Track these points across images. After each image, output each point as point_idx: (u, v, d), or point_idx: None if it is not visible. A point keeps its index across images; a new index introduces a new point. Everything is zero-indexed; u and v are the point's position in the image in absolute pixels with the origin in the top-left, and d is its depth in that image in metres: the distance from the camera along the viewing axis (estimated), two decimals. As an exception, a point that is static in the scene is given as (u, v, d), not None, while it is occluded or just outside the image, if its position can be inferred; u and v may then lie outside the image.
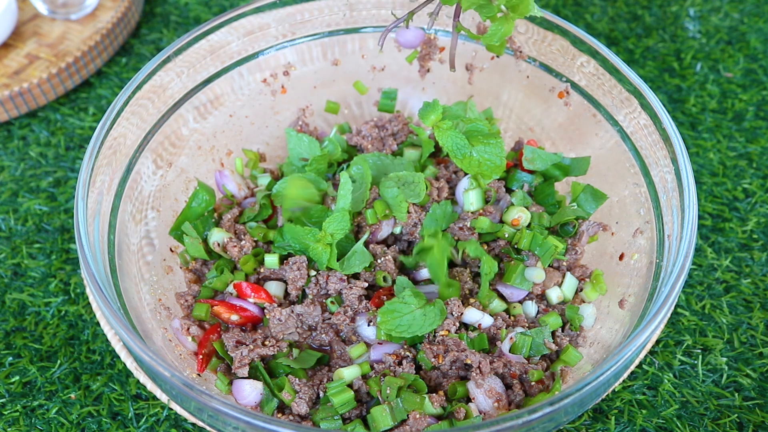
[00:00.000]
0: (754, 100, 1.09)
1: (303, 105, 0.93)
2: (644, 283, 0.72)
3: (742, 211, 0.96)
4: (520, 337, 0.71)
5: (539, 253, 0.76)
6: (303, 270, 0.75)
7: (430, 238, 0.73)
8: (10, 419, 0.78)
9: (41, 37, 1.12)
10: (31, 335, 0.85)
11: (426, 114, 0.74)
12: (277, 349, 0.73)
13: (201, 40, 0.82)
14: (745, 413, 0.79)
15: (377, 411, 0.67)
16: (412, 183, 0.78)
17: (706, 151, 1.03)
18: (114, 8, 1.15)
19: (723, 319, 0.86)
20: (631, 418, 0.78)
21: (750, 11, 1.23)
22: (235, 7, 0.86)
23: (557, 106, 0.86)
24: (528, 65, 0.86)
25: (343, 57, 0.91)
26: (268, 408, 0.70)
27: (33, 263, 0.91)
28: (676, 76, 1.13)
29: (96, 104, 1.09)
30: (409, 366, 0.71)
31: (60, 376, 0.81)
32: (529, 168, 0.82)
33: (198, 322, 0.76)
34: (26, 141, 1.05)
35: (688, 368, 0.82)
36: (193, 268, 0.82)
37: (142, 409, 0.79)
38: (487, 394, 0.69)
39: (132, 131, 0.77)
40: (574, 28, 0.80)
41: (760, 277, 0.89)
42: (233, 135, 0.90)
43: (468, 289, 0.77)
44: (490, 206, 0.80)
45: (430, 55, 0.87)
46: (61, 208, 0.97)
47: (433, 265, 0.73)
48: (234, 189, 0.88)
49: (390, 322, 0.70)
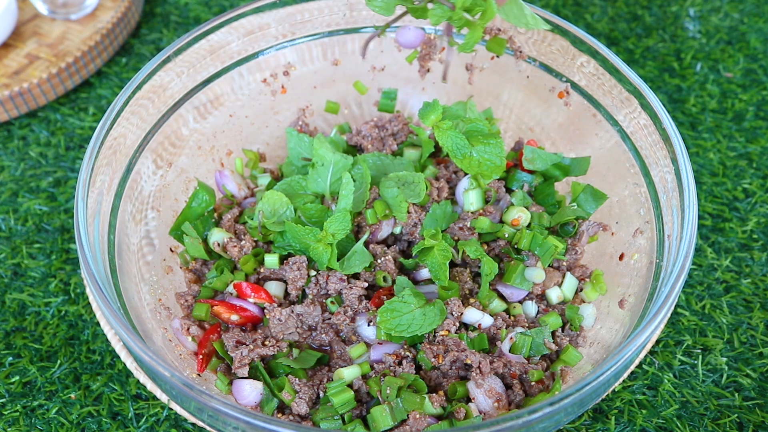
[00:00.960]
0: (754, 100, 1.09)
1: (303, 105, 0.93)
2: (644, 283, 0.72)
3: (742, 211, 0.96)
4: (520, 337, 0.71)
5: (539, 253, 0.76)
6: (303, 270, 0.75)
7: (431, 239, 0.73)
8: (10, 419, 0.78)
9: (41, 37, 1.12)
10: (31, 335, 0.85)
11: (426, 114, 0.74)
12: (277, 349, 0.73)
13: (201, 40, 0.82)
14: (745, 413, 0.79)
15: (377, 411, 0.67)
16: (412, 183, 0.78)
17: (706, 151, 1.03)
18: (114, 8, 1.15)
19: (723, 319, 0.86)
20: (631, 418, 0.78)
21: (750, 11, 1.23)
22: (235, 7, 0.86)
23: (557, 106, 0.86)
24: (528, 65, 0.86)
25: (343, 57, 0.91)
26: (268, 408, 0.70)
27: (33, 263, 0.91)
28: (676, 76, 1.13)
29: (96, 104, 1.09)
30: (409, 366, 0.71)
31: (60, 376, 0.81)
32: (529, 168, 0.82)
33: (198, 322, 0.76)
34: (26, 141, 1.05)
35: (688, 368, 0.82)
36: (193, 268, 0.82)
37: (142, 409, 0.79)
38: (487, 394, 0.69)
39: (132, 131, 0.77)
40: (574, 28, 0.80)
41: (760, 277, 0.89)
42: (233, 135, 0.90)
43: (468, 289, 0.77)
44: (490, 206, 0.80)
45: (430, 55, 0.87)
46: (61, 208, 0.97)
47: (435, 266, 0.73)
48: (234, 189, 0.88)
49: (389, 321, 0.70)
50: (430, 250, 0.74)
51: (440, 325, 0.72)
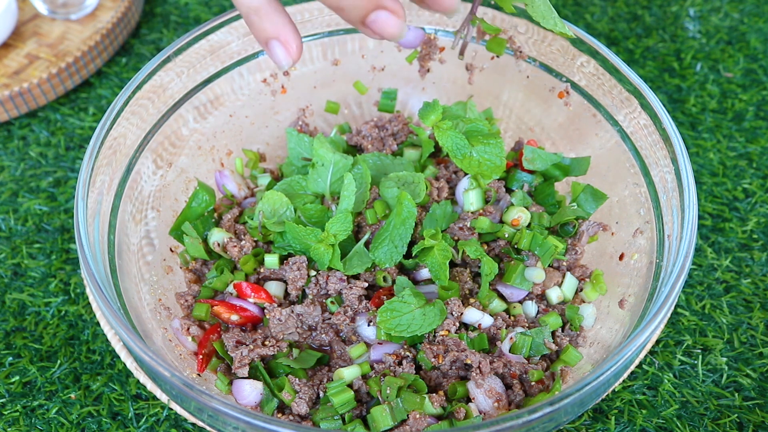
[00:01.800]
0: (754, 100, 1.09)
1: (303, 105, 0.93)
2: (644, 283, 0.72)
3: (742, 211, 0.96)
4: (520, 337, 0.71)
5: (539, 253, 0.76)
6: (303, 270, 0.75)
7: (431, 239, 0.73)
8: (10, 419, 0.78)
9: (41, 37, 1.12)
10: (31, 335, 0.85)
11: (426, 114, 0.74)
12: (277, 349, 0.73)
13: (201, 40, 0.82)
14: (745, 413, 0.79)
15: (377, 411, 0.67)
16: (412, 183, 0.78)
17: (706, 151, 1.03)
18: (114, 8, 1.15)
19: (723, 319, 0.86)
20: (631, 418, 0.78)
21: (750, 11, 1.23)
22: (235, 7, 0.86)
23: (557, 106, 0.86)
24: (528, 65, 0.86)
25: (343, 57, 0.91)
26: (268, 408, 0.70)
27: (33, 263, 0.91)
28: (676, 76, 1.13)
29: (96, 104, 1.09)
30: (409, 366, 0.71)
31: (60, 376, 0.81)
32: (529, 168, 0.82)
33: (198, 322, 0.76)
34: (26, 141, 1.05)
35: (688, 368, 0.82)
36: (193, 268, 0.82)
37: (142, 409, 0.79)
38: (487, 394, 0.69)
39: (132, 131, 0.77)
40: (574, 28, 0.80)
41: (760, 277, 0.89)
42: (233, 135, 0.90)
43: (468, 289, 0.77)
44: (490, 206, 0.80)
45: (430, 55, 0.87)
46: (61, 208, 0.97)
47: (435, 266, 0.73)
48: (234, 189, 0.88)
49: (389, 321, 0.70)
50: (430, 250, 0.74)
51: (440, 325, 0.72)
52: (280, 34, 0.55)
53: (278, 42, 0.56)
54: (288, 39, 0.55)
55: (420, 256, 0.75)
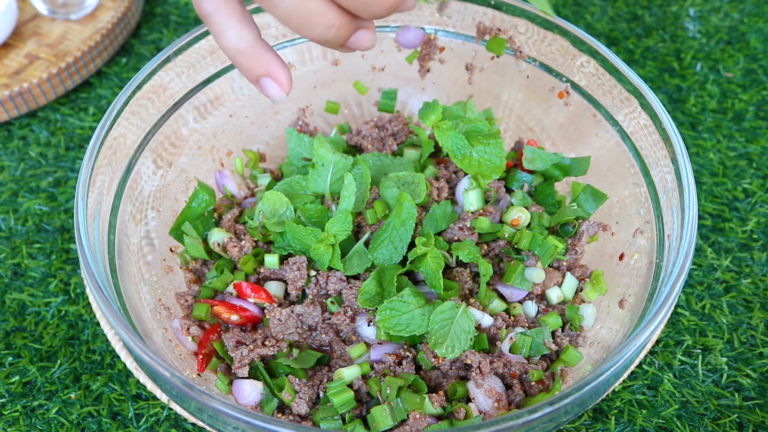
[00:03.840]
0: (754, 100, 1.09)
1: (303, 105, 0.93)
2: (644, 283, 0.72)
3: (742, 211, 0.96)
4: (520, 337, 0.71)
5: (539, 253, 0.76)
6: (303, 270, 0.75)
7: (423, 246, 0.73)
8: (10, 419, 0.78)
9: (41, 37, 1.12)
10: (31, 335, 0.85)
11: (426, 114, 0.74)
12: (277, 349, 0.73)
13: (201, 40, 0.82)
14: (745, 413, 0.79)
15: (377, 411, 0.67)
16: (412, 183, 0.78)
17: (706, 151, 1.03)
18: (114, 8, 1.15)
19: (723, 319, 0.86)
20: (631, 418, 0.78)
21: (750, 11, 1.23)
22: (235, 7, 0.86)
23: (557, 106, 0.86)
24: (528, 65, 0.86)
25: (343, 57, 0.91)
26: (268, 408, 0.70)
27: (33, 263, 0.91)
28: (676, 76, 1.13)
29: (96, 104, 1.09)
30: (409, 366, 0.71)
31: (60, 376, 0.81)
32: (529, 168, 0.82)
33: (198, 322, 0.76)
34: (26, 141, 1.05)
35: (688, 368, 0.82)
36: (193, 268, 0.82)
37: (142, 409, 0.79)
38: (487, 394, 0.69)
39: (132, 131, 0.77)
40: (574, 28, 0.80)
41: (760, 277, 0.89)
42: (233, 135, 0.90)
43: (468, 289, 0.77)
44: (490, 206, 0.80)
45: (430, 55, 0.87)
46: (61, 208, 0.97)
47: (428, 273, 0.73)
48: (234, 189, 0.88)
49: (388, 320, 0.70)
50: (424, 257, 0.73)
51: (440, 325, 0.72)
52: (270, 71, 0.56)
53: (269, 78, 0.56)
54: (278, 75, 0.57)
55: (415, 262, 0.74)
